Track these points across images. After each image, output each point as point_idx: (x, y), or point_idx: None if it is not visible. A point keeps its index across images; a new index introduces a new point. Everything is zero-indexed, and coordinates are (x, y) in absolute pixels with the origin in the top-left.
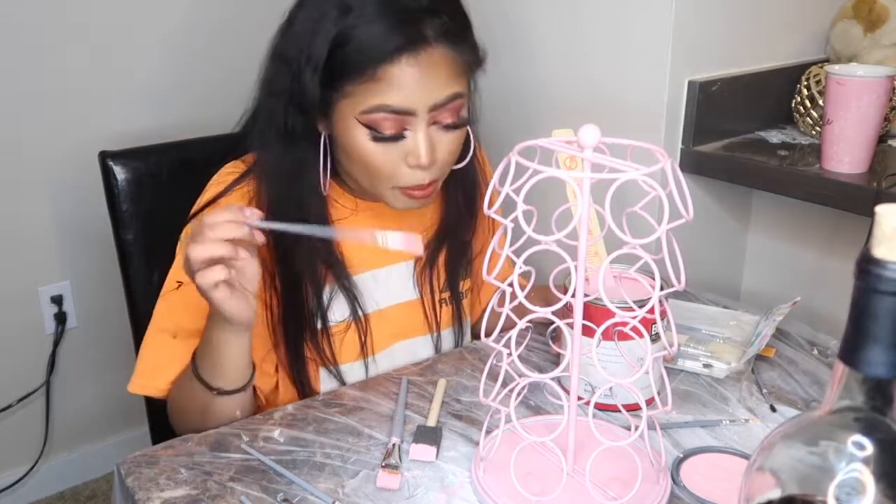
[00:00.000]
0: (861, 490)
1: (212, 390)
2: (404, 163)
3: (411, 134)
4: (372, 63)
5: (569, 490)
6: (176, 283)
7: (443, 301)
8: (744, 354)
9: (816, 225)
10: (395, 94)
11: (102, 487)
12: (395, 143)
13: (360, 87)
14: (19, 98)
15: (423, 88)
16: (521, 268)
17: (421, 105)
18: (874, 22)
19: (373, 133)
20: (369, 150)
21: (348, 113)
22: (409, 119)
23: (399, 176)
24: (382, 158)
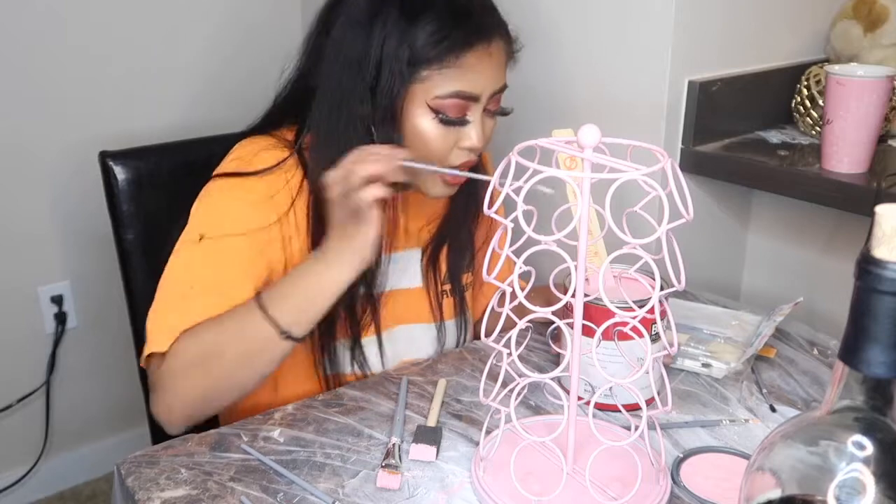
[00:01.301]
0: (861, 490)
1: (281, 333)
2: (456, 146)
3: (471, 123)
4: (455, 49)
5: (569, 490)
6: (198, 236)
7: (444, 293)
8: (743, 354)
9: (816, 225)
10: (469, 80)
11: (102, 487)
12: (455, 126)
13: (437, 73)
14: (19, 98)
15: (490, 76)
16: (521, 268)
17: (486, 91)
18: (874, 22)
19: (440, 117)
20: (434, 133)
21: (419, 98)
22: (472, 105)
23: (449, 158)
24: (442, 141)
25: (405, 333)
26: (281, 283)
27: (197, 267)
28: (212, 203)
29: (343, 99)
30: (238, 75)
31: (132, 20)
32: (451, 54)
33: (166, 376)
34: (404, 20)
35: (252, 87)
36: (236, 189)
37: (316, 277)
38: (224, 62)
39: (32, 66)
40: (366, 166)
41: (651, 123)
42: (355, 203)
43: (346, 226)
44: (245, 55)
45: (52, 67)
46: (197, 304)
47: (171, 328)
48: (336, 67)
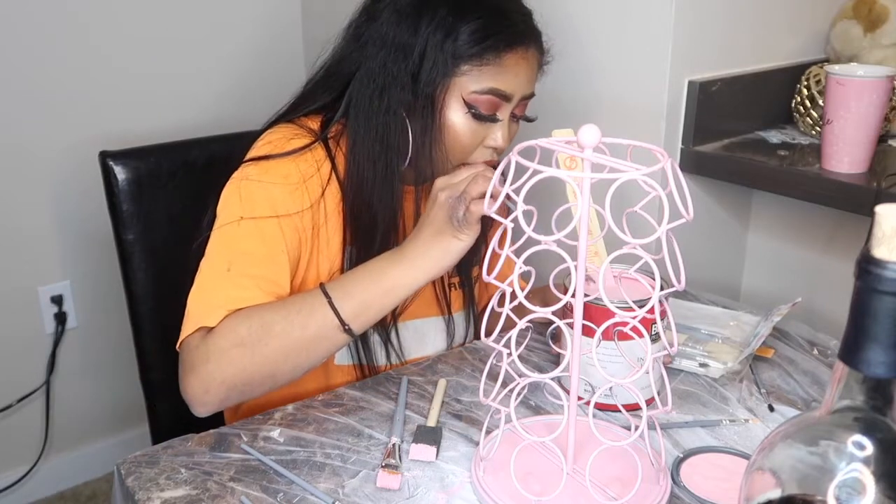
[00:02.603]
0: (861, 490)
1: (343, 326)
2: (483, 144)
3: (500, 122)
4: (496, 48)
5: (569, 490)
6: (237, 217)
7: (452, 286)
8: (741, 354)
9: (816, 225)
10: (504, 79)
11: (102, 487)
12: (485, 123)
13: (476, 69)
14: (19, 98)
15: (524, 79)
16: (521, 268)
17: (518, 93)
18: (874, 22)
19: (473, 111)
20: (465, 127)
21: (457, 91)
22: (504, 104)
23: (474, 156)
24: (471, 136)
25: (413, 328)
26: (352, 275)
27: (238, 246)
28: (248, 187)
29: (385, 83)
30: (238, 76)
31: (132, 20)
32: (492, 53)
33: (211, 353)
34: (452, 15)
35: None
36: (271, 173)
37: (394, 274)
38: (224, 63)
39: (33, 66)
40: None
41: (651, 123)
42: (465, 213)
43: (444, 229)
44: (245, 56)
45: (53, 67)
46: (242, 282)
47: (220, 305)
48: (382, 52)
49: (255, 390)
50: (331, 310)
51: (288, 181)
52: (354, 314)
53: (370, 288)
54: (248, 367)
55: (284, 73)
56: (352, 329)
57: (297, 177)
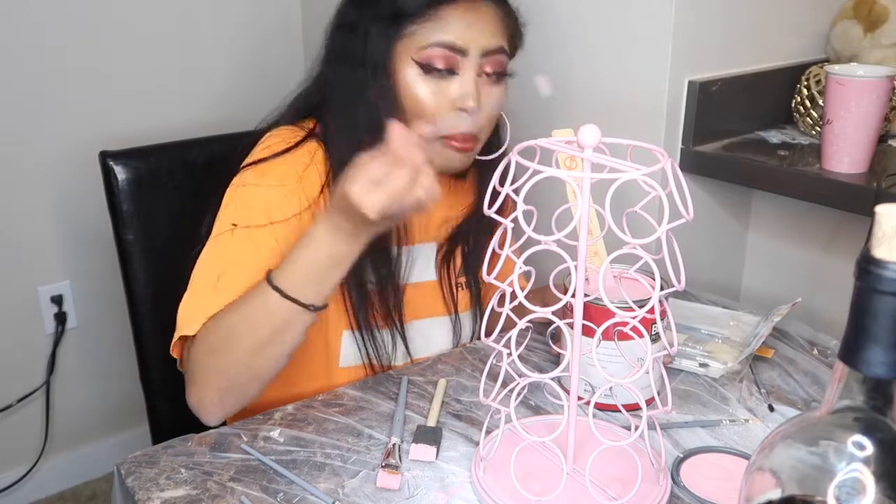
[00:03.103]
0: (861, 490)
1: (307, 307)
2: (451, 107)
3: (460, 77)
4: (436, 3)
5: (569, 490)
6: (231, 226)
7: (458, 286)
8: (740, 354)
9: (816, 225)
10: (452, 30)
11: (102, 487)
12: (444, 80)
13: (419, 27)
14: (19, 98)
15: (476, 31)
16: (521, 268)
17: (473, 46)
18: (874, 22)
19: (425, 68)
20: (423, 89)
21: (405, 54)
22: (461, 60)
23: (445, 120)
24: (433, 98)
25: (419, 328)
26: (295, 259)
27: (230, 256)
28: (245, 192)
29: (345, 65)
30: (238, 75)
31: (133, 20)
32: (431, 7)
33: (194, 364)
34: None
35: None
36: (267, 176)
37: (336, 251)
38: (224, 62)
39: (33, 66)
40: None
41: (651, 123)
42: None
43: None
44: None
45: (53, 67)
46: (227, 293)
47: (200, 314)
48: (338, 34)
49: (249, 390)
50: (286, 300)
51: (284, 184)
52: (314, 294)
53: (317, 268)
54: (228, 372)
55: (284, 74)
56: (316, 305)
57: (294, 177)
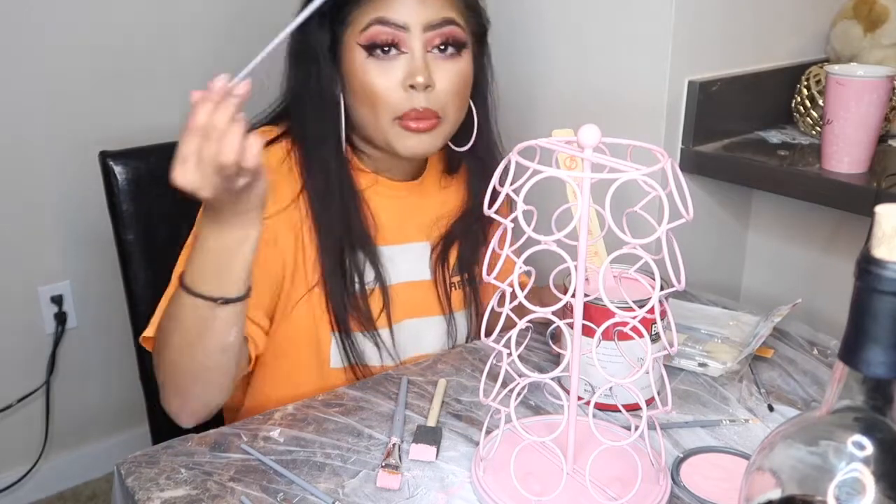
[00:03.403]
0: (861, 490)
1: (216, 301)
2: (402, 87)
3: (407, 56)
4: None
5: (569, 490)
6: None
7: (452, 285)
8: (740, 354)
9: (816, 225)
10: (389, 7)
11: (102, 487)
12: (390, 61)
13: (358, 11)
14: (19, 98)
15: (416, 5)
16: (521, 268)
17: (414, 20)
18: (874, 22)
19: (369, 50)
20: (369, 72)
21: (351, 42)
22: (404, 36)
23: (397, 101)
24: (381, 80)
25: (411, 327)
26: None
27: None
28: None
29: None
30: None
31: (133, 20)
32: None
33: (156, 371)
34: None
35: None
36: None
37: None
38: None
39: (32, 65)
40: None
41: (651, 123)
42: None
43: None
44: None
45: (53, 67)
46: None
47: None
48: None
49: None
50: (197, 298)
51: None
52: (219, 286)
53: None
54: (169, 372)
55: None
56: (228, 297)
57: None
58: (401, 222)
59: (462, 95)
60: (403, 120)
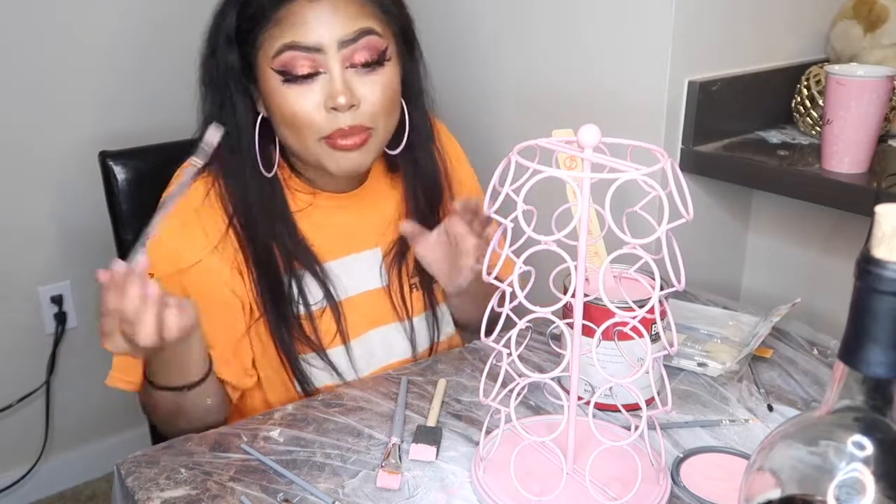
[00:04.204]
0: (861, 490)
1: (181, 389)
2: (324, 108)
3: (326, 76)
4: (272, 6)
5: (569, 490)
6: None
7: (413, 286)
8: (739, 354)
9: (816, 225)
10: (298, 30)
11: (102, 487)
12: (308, 84)
13: (268, 34)
14: (19, 98)
15: (327, 23)
16: (521, 268)
17: (327, 40)
18: (874, 22)
19: (286, 76)
20: (287, 96)
21: (265, 66)
22: (319, 58)
23: (320, 123)
24: (301, 104)
25: (379, 336)
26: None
27: None
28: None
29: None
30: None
31: (133, 20)
32: (270, 9)
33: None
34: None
35: None
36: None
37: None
38: None
39: (32, 65)
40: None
41: (651, 123)
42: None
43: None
44: None
45: (52, 67)
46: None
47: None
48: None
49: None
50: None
51: (186, 224)
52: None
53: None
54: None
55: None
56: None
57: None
58: (348, 233)
59: (391, 103)
60: (330, 139)
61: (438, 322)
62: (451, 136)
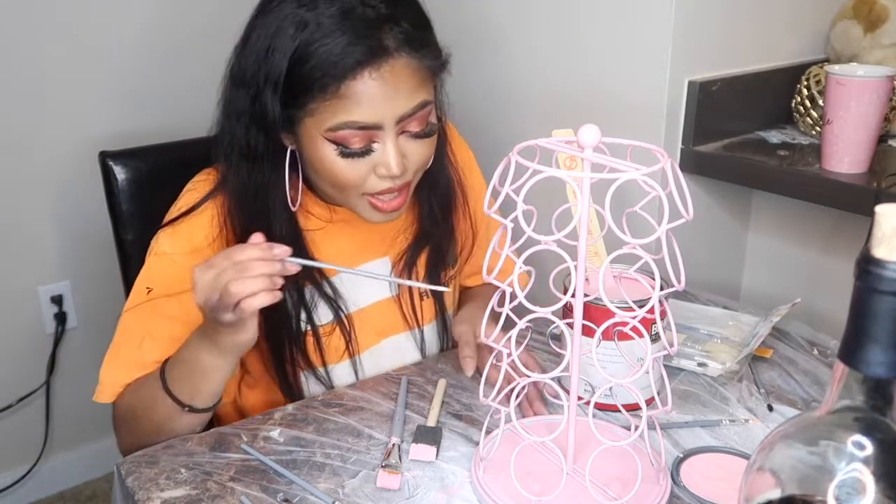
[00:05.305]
0: (861, 490)
1: (183, 407)
2: (373, 174)
3: (380, 146)
4: (334, 80)
5: (569, 490)
6: (146, 289)
7: (423, 295)
8: (739, 354)
9: (816, 225)
10: (360, 109)
11: (102, 487)
12: (363, 157)
13: (324, 105)
14: (19, 98)
15: (388, 101)
16: (521, 268)
17: (388, 118)
18: (874, 22)
19: (340, 149)
20: (338, 165)
21: (314, 130)
22: (376, 133)
23: (369, 185)
24: (351, 173)
25: (391, 346)
26: (178, 355)
27: (146, 322)
28: (156, 262)
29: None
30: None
31: (132, 20)
32: (331, 85)
33: (114, 423)
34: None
35: None
36: (178, 241)
37: (205, 358)
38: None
39: (32, 65)
40: (244, 285)
41: (651, 123)
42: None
43: (219, 330)
44: None
45: (52, 67)
46: (144, 360)
47: (116, 381)
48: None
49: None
50: (168, 395)
51: (195, 247)
52: (189, 396)
53: (188, 373)
54: (135, 439)
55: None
56: (195, 408)
57: (204, 239)
58: (357, 245)
59: (429, 159)
60: (375, 198)
61: (448, 329)
62: (463, 142)
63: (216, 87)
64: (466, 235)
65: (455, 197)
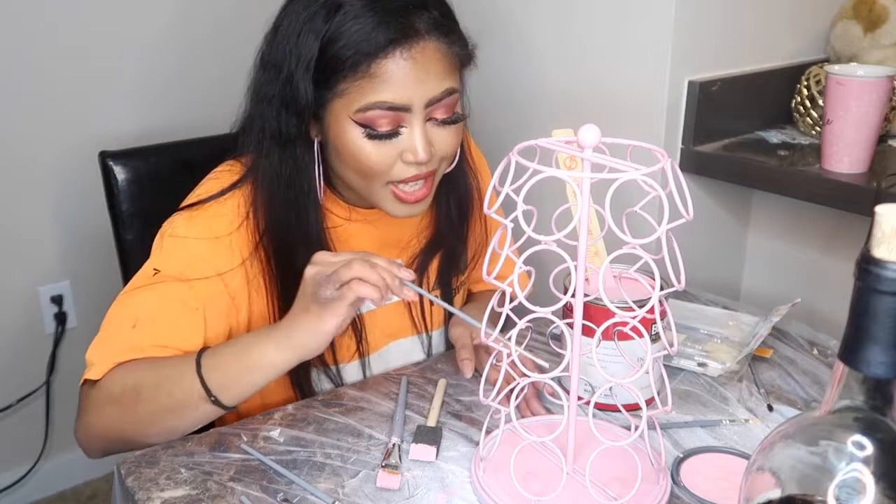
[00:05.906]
0: (861, 490)
1: (209, 396)
2: (400, 159)
3: (407, 130)
4: (366, 58)
5: (569, 490)
6: (153, 271)
7: None
8: (739, 354)
9: (816, 225)
10: (390, 89)
11: (103, 487)
12: (390, 140)
13: (354, 85)
14: (19, 98)
15: (418, 83)
16: (521, 268)
17: (417, 100)
18: (874, 22)
19: (368, 131)
20: (365, 149)
21: (342, 113)
22: (404, 115)
23: (394, 172)
24: (378, 157)
25: (398, 349)
26: (226, 345)
27: (146, 304)
28: (171, 244)
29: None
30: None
31: (132, 20)
32: (362, 63)
33: (91, 405)
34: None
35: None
36: (197, 226)
37: (259, 353)
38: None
39: (32, 66)
40: (364, 270)
41: (651, 123)
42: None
43: (310, 307)
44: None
45: (52, 67)
46: (138, 340)
47: (108, 358)
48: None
49: (136, 444)
50: (198, 378)
51: (215, 234)
52: (220, 387)
53: (234, 363)
54: (121, 425)
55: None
56: (220, 401)
57: (226, 228)
58: (377, 247)
59: (455, 148)
60: (398, 186)
61: None
62: (478, 149)
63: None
64: (479, 242)
65: (472, 202)
